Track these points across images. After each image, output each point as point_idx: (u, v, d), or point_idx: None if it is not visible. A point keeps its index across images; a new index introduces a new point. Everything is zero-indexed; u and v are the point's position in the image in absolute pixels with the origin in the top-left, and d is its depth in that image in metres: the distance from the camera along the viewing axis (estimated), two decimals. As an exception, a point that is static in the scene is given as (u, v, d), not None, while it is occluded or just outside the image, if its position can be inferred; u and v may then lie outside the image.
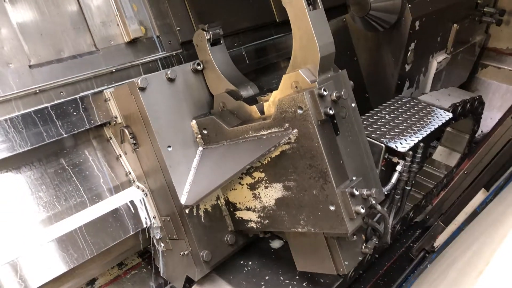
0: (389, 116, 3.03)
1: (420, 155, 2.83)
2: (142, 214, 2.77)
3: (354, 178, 2.34)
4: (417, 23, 3.69)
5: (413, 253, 3.53)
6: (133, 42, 2.88)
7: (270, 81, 3.71)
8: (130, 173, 2.82)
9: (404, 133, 2.83)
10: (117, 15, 2.82)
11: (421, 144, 2.82)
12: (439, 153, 4.27)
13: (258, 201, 2.59)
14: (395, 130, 2.86)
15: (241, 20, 3.47)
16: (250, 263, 3.00)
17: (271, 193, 2.51)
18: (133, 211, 2.74)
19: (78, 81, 2.63)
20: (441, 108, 3.22)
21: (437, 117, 3.07)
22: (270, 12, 3.58)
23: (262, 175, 2.51)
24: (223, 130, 2.59)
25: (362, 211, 2.23)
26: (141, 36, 2.88)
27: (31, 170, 2.55)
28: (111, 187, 2.78)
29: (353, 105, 2.43)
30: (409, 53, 3.80)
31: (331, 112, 2.17)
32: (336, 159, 2.27)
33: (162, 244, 2.85)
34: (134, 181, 2.82)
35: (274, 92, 2.44)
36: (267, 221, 2.61)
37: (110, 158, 2.83)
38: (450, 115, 3.15)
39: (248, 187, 2.61)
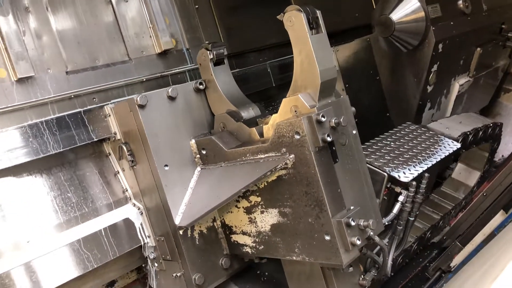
0: (394, 143, 2.95)
1: (424, 186, 2.73)
2: (137, 233, 2.72)
3: (351, 208, 2.26)
4: (440, 46, 3.70)
5: (429, 272, 3.53)
6: (164, 54, 2.99)
7: None
8: (127, 190, 2.78)
9: (409, 162, 2.74)
10: (150, 27, 2.96)
11: (426, 175, 2.72)
12: (459, 172, 4.21)
13: (253, 225, 2.53)
14: (400, 158, 2.77)
15: (268, 36, 3.59)
16: (266, 273, 2.97)
17: (267, 219, 2.44)
18: (127, 230, 2.69)
19: (110, 88, 2.75)
20: (449, 138, 3.13)
21: (445, 146, 2.98)
22: None
23: (259, 199, 2.45)
24: (221, 151, 2.55)
25: (358, 242, 2.15)
26: (171, 48, 3.01)
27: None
28: (107, 203, 2.75)
29: (354, 132, 2.36)
30: (431, 74, 3.80)
31: (329, 139, 2.10)
32: (333, 187, 2.20)
33: (156, 264, 2.79)
34: (130, 199, 2.78)
35: (273, 115, 2.40)
36: (262, 247, 2.53)
37: (109, 173, 2.80)
38: (458, 145, 3.06)
39: (245, 210, 2.54)
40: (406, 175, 2.62)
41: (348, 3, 4.16)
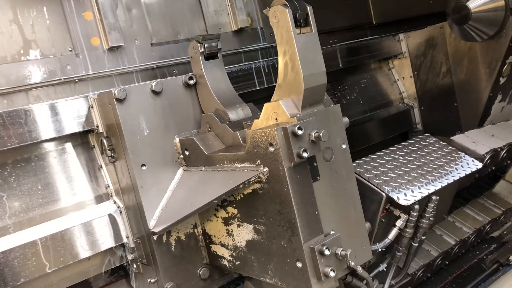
0: (403, 158, 2.60)
1: (431, 210, 2.39)
2: (115, 232, 2.58)
3: (331, 233, 1.99)
4: (518, 36, 3.53)
5: (485, 264, 3.51)
6: (239, 31, 3.14)
7: (359, 80, 3.97)
8: (109, 186, 2.65)
9: (414, 182, 2.40)
10: (228, 5, 3.13)
11: (434, 197, 2.38)
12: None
13: (231, 238, 2.32)
14: (405, 177, 2.44)
15: (339, 18, 3.73)
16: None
17: (243, 233, 2.23)
18: (105, 227, 2.56)
19: (189, 62, 2.75)
20: (472, 155, 2.74)
21: (462, 166, 2.60)
22: (368, 14, 3.85)
23: (235, 211, 2.24)
24: (202, 154, 2.34)
25: (332, 274, 1.89)
26: (247, 26, 3.15)
27: None
28: (89, 198, 2.64)
29: (344, 146, 2.08)
30: (505, 66, 3.66)
31: (305, 154, 1.84)
32: (309, 209, 1.94)
33: (135, 266, 2.65)
34: (112, 195, 2.65)
35: (256, 120, 2.15)
36: (239, 262, 2.32)
37: (94, 167, 2.68)
38: (479, 165, 2.66)
39: (223, 221, 2.34)
40: (407, 197, 2.29)
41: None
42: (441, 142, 2.85)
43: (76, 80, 2.57)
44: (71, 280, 2.68)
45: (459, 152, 2.74)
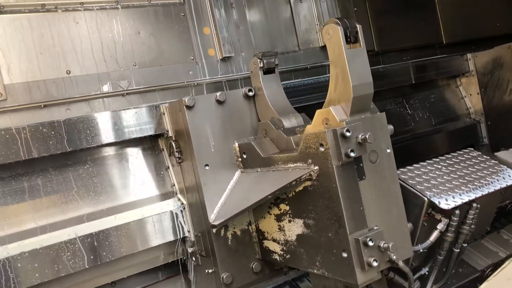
0: (446, 169, 2.77)
1: (472, 217, 2.54)
2: (177, 227, 2.88)
3: (375, 228, 2.19)
4: None
5: None
6: (325, 47, 3.56)
7: (429, 96, 4.29)
8: (174, 185, 2.96)
9: (456, 190, 2.56)
10: (317, 24, 3.70)
11: (475, 205, 2.52)
12: None
13: (282, 233, 2.55)
14: (447, 184, 2.60)
15: (412, 38, 4.17)
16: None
17: (293, 228, 2.46)
18: (169, 222, 2.86)
19: (282, 72, 3.27)
20: (514, 169, 2.86)
21: (504, 178, 2.73)
22: (438, 34, 4.31)
23: (287, 208, 2.47)
24: (258, 156, 2.61)
25: (375, 264, 2.08)
26: None
27: None
28: (156, 194, 2.96)
29: (388, 150, 2.29)
30: None
31: (352, 154, 2.07)
32: (355, 204, 2.15)
33: (194, 259, 2.93)
34: (176, 193, 2.96)
35: (308, 126, 2.40)
36: (289, 256, 2.55)
37: (161, 167, 3.01)
38: (520, 178, 2.78)
39: (275, 218, 2.58)
40: (448, 202, 2.45)
41: (491, 13, 4.62)
42: (484, 156, 2.98)
43: (195, 84, 3.13)
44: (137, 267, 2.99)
45: (501, 165, 2.86)
